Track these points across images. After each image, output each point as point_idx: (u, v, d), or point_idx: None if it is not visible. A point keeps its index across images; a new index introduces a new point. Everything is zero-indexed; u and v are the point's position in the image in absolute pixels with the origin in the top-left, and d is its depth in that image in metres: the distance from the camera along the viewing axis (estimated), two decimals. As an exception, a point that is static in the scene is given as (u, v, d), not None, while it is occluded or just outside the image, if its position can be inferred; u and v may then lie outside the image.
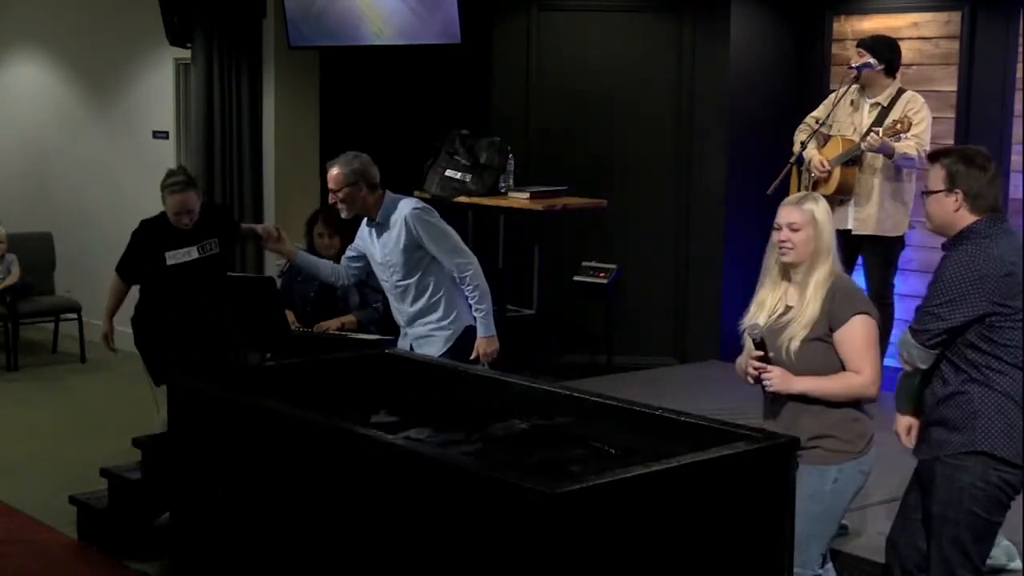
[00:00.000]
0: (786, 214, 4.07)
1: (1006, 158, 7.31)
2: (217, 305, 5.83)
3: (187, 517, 4.64)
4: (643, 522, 3.42)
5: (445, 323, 5.52)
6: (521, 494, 3.30)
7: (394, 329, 5.79)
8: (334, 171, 5.47)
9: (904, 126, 6.25)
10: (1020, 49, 7.17)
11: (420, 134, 8.07)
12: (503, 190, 7.90)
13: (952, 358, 3.87)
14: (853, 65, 6.66)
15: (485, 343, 5.45)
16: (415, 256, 5.46)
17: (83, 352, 9.25)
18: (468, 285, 5.45)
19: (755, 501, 3.68)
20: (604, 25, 8.36)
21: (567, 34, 8.39)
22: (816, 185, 6.68)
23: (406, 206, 5.49)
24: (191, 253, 5.95)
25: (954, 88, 7.46)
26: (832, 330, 3.99)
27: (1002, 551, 4.72)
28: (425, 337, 5.52)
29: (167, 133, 9.12)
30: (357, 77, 8.31)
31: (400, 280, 5.51)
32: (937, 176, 3.87)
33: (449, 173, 7.92)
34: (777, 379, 4.01)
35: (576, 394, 4.49)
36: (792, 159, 6.71)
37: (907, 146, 6.32)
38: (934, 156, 4.00)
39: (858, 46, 6.71)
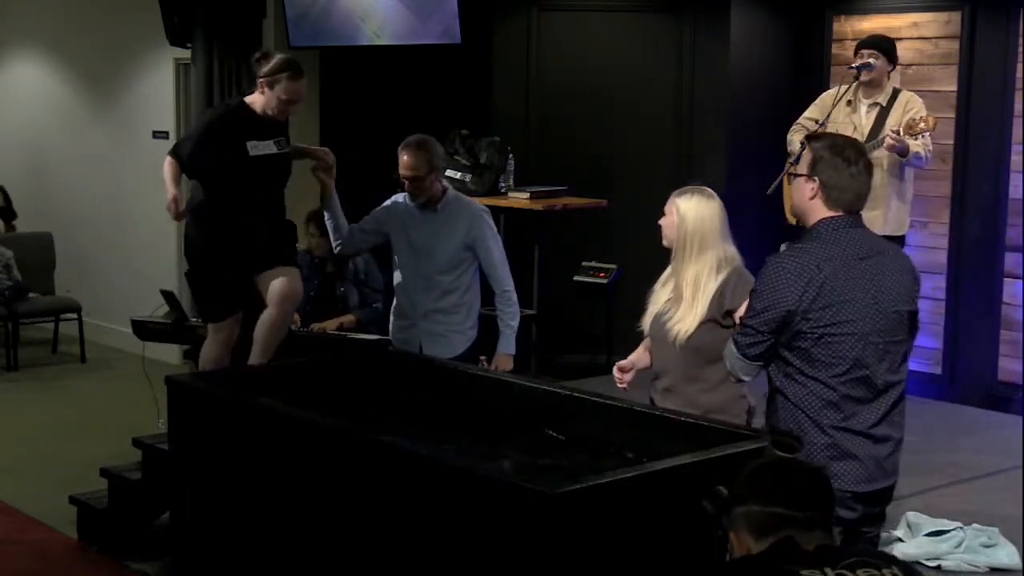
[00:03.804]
0: (668, 201, 4.56)
1: (1006, 158, 7.32)
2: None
3: (187, 517, 4.64)
4: (643, 522, 3.42)
5: (464, 327, 5.44)
6: (522, 494, 3.30)
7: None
8: (418, 155, 5.35)
9: (927, 124, 6.23)
10: (1020, 49, 7.17)
11: (420, 134, 8.06)
12: (503, 190, 7.91)
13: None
14: (853, 65, 6.66)
15: (506, 359, 5.38)
16: (461, 255, 5.38)
17: (83, 352, 9.25)
18: (508, 301, 5.40)
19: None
20: (604, 25, 8.36)
21: (567, 34, 8.39)
22: None
23: (476, 205, 5.50)
24: (270, 147, 5.48)
25: (954, 88, 7.47)
26: (731, 312, 4.27)
27: (1002, 551, 4.73)
28: (440, 336, 5.41)
29: (167, 133, 9.12)
30: (357, 77, 8.31)
31: (435, 272, 5.39)
32: (805, 159, 3.70)
33: (449, 173, 7.91)
34: None
35: (576, 394, 4.49)
36: (791, 159, 6.70)
37: (916, 145, 6.32)
38: (810, 138, 3.88)
39: (862, 47, 6.69)
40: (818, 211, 3.63)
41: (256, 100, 5.39)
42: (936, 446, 6.18)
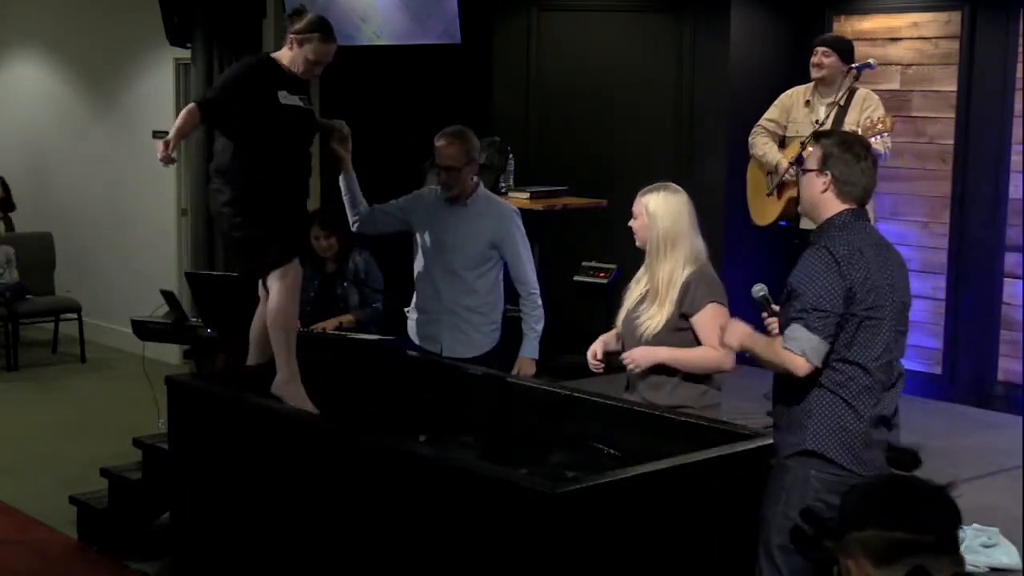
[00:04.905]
0: (634, 203, 4.60)
1: (1006, 158, 7.31)
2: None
3: (187, 517, 4.64)
4: (643, 522, 3.42)
5: (487, 330, 5.35)
6: (522, 494, 3.30)
7: (395, 329, 5.73)
8: (457, 145, 5.31)
9: (885, 125, 6.24)
10: (1020, 49, 7.17)
11: (420, 134, 8.07)
12: (503, 190, 7.89)
13: None
14: (854, 65, 6.66)
15: (529, 364, 5.29)
16: (487, 253, 5.32)
17: (83, 352, 9.25)
18: (534, 304, 5.33)
19: (754, 500, 3.68)
20: (604, 25, 8.36)
21: (567, 34, 8.39)
22: (783, 188, 6.67)
23: (506, 205, 5.47)
24: (297, 102, 5.28)
25: (954, 88, 7.46)
26: (687, 316, 4.41)
27: (1002, 551, 4.73)
28: (463, 333, 5.31)
29: (167, 133, 9.09)
30: (357, 78, 8.31)
31: (460, 268, 5.31)
32: (814, 155, 3.82)
33: (449, 173, 7.91)
34: (639, 356, 4.43)
35: (576, 394, 4.49)
36: (791, 159, 6.70)
37: (876, 144, 6.31)
38: (817, 136, 4.04)
39: (819, 45, 6.69)
40: (831, 205, 3.75)
41: (283, 55, 5.26)
42: (936, 446, 6.18)
